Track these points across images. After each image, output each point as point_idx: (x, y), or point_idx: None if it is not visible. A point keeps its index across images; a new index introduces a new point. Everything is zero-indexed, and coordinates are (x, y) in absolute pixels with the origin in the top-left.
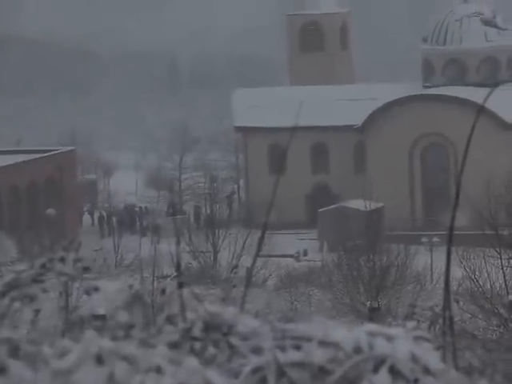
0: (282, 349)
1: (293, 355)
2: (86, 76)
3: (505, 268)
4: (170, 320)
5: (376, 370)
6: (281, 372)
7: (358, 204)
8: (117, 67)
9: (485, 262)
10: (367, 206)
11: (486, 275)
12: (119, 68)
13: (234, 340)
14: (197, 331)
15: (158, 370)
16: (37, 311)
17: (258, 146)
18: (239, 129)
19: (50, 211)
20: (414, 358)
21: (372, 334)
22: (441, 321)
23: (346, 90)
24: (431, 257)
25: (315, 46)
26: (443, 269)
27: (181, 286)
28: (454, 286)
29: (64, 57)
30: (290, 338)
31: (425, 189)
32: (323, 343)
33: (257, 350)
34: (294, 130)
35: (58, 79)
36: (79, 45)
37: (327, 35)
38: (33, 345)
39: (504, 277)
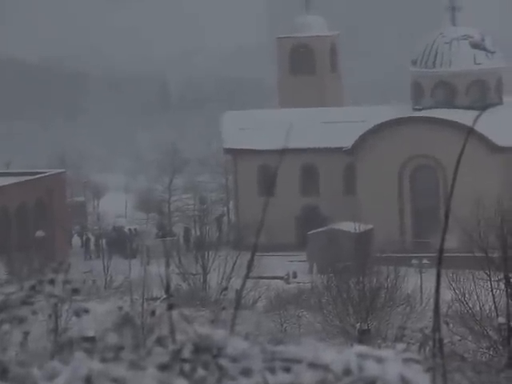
0: (272, 371)
1: (282, 377)
2: (75, 98)
3: (494, 290)
4: (159, 342)
5: None
6: None
7: (347, 226)
8: (107, 89)
9: (474, 285)
10: (357, 227)
11: (475, 297)
12: (109, 90)
13: (223, 362)
14: (186, 353)
15: None
16: (26, 333)
17: (247, 168)
18: (229, 151)
19: (40, 233)
20: (404, 380)
21: (362, 356)
22: (430, 343)
23: (335, 112)
24: (421, 279)
25: (305, 68)
26: (433, 291)
27: (170, 307)
28: (443, 308)
29: (54, 79)
30: (280, 359)
31: (414, 211)
32: (313, 365)
33: (246, 372)
34: (284, 152)
35: (48, 101)
36: (69, 67)
37: (317, 58)
38: (22, 367)
39: (493, 299)
